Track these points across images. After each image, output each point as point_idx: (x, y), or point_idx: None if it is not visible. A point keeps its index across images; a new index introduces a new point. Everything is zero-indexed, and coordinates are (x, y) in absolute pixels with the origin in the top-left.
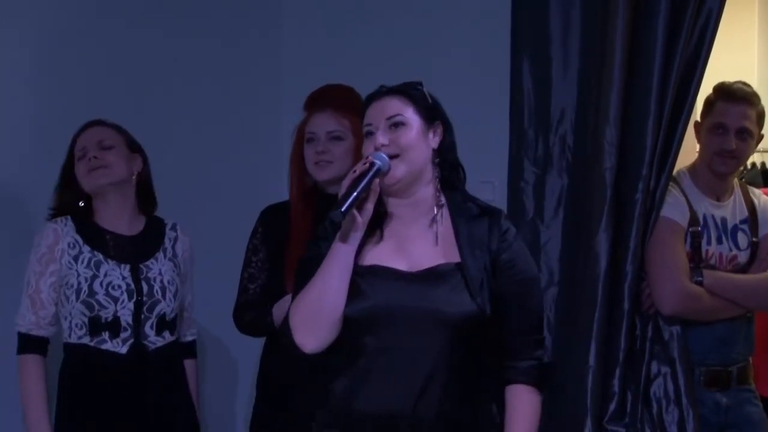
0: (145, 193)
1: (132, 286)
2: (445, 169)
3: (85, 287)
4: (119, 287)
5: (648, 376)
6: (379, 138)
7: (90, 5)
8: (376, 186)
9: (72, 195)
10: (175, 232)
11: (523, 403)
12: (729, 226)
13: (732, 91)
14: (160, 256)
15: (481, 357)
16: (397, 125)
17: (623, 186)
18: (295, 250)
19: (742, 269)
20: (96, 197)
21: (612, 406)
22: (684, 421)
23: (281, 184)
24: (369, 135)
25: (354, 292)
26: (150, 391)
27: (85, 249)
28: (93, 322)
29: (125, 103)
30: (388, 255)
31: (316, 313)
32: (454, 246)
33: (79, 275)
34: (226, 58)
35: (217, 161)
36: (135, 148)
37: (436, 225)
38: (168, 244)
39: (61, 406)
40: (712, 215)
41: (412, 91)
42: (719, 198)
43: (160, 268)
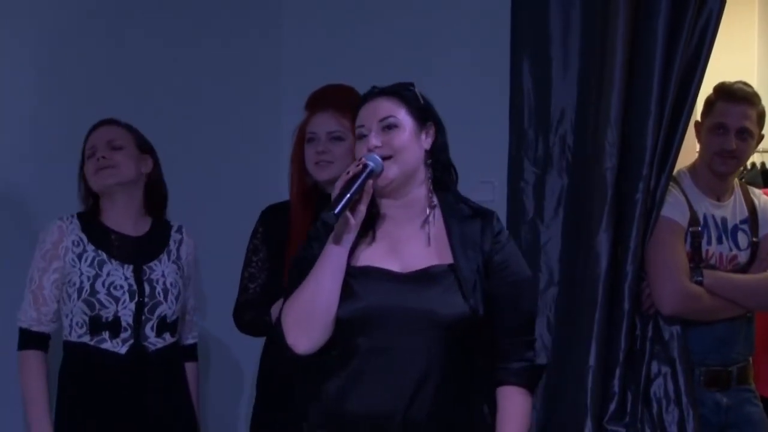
0: (154, 194)
1: (134, 287)
2: (438, 170)
3: (87, 286)
4: (121, 287)
5: (648, 376)
6: (372, 140)
7: (90, 5)
8: (369, 187)
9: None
10: (181, 234)
11: (514, 404)
12: (729, 226)
13: (732, 91)
14: (164, 258)
15: (473, 358)
16: (390, 127)
17: (624, 186)
18: (294, 249)
19: (742, 269)
20: (103, 196)
21: (612, 406)
22: (684, 421)
23: (281, 184)
24: (361, 137)
25: (347, 293)
26: (149, 392)
27: (89, 248)
28: (93, 321)
29: (125, 103)
30: (381, 256)
31: (309, 314)
32: (447, 247)
33: (81, 274)
34: (226, 58)
35: (217, 161)
36: (145, 148)
37: (429, 226)
38: (173, 247)
39: (61, 404)
40: (713, 215)
41: (405, 92)
42: (719, 198)
43: (163, 270)
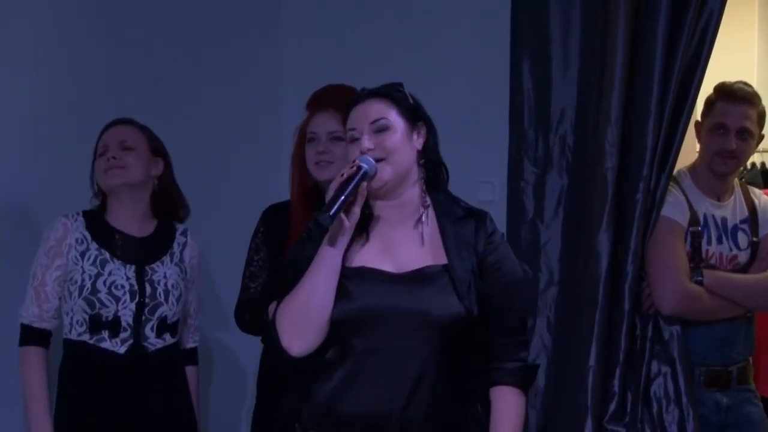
0: (163, 197)
1: (135, 287)
2: (430, 170)
3: (88, 284)
4: (122, 287)
5: (648, 376)
6: (365, 142)
7: (90, 5)
8: (363, 189)
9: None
10: (185, 237)
11: (507, 404)
12: (729, 226)
13: (733, 91)
14: (167, 259)
15: (468, 358)
16: (382, 129)
17: (624, 186)
18: None
19: (743, 269)
20: (110, 195)
21: (612, 406)
22: (684, 420)
23: (281, 184)
24: (353, 139)
25: (342, 293)
26: (149, 392)
27: (93, 246)
28: (93, 319)
29: (125, 103)
30: (375, 257)
31: (304, 316)
32: (441, 247)
33: (83, 272)
34: (226, 58)
35: (217, 161)
36: (158, 151)
37: (422, 226)
38: (176, 249)
39: (61, 401)
40: (713, 215)
41: (394, 93)
42: (719, 198)
43: (165, 272)
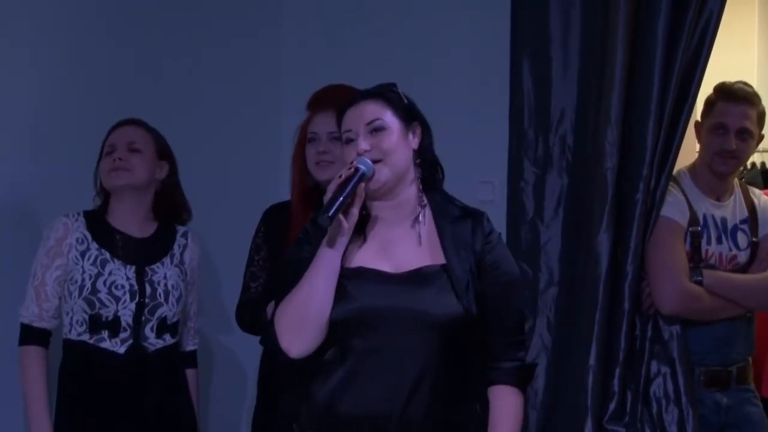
0: (165, 200)
1: (135, 287)
2: (426, 169)
3: (88, 284)
4: (122, 287)
5: (648, 375)
6: (362, 144)
7: (89, 5)
8: (361, 191)
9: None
10: (186, 239)
11: (506, 403)
12: (729, 226)
13: (733, 91)
14: (167, 260)
15: (467, 358)
16: (378, 130)
17: (624, 186)
18: None
19: (742, 269)
20: (113, 195)
21: (612, 406)
22: (684, 420)
23: (281, 184)
24: (349, 141)
25: (340, 294)
26: (149, 393)
27: (93, 246)
28: (93, 319)
29: (125, 103)
30: (373, 257)
31: (303, 318)
32: (438, 247)
33: (83, 272)
34: (226, 58)
35: (217, 161)
36: (164, 155)
37: (419, 225)
38: (177, 251)
39: (61, 401)
40: (712, 215)
41: (389, 94)
42: (719, 198)
43: (165, 272)
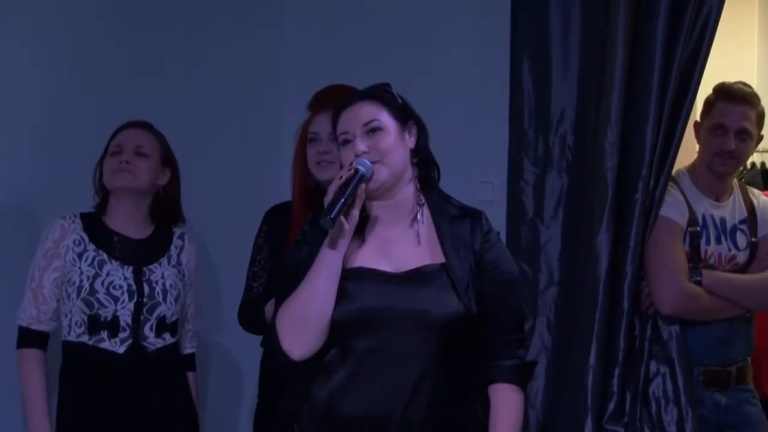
0: (163, 205)
1: (133, 287)
2: (422, 168)
3: (86, 285)
4: (120, 287)
5: (647, 375)
6: (359, 146)
7: (89, 5)
8: (361, 192)
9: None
10: (183, 241)
11: (506, 402)
12: (728, 227)
13: (732, 92)
14: (164, 261)
15: (467, 357)
16: (374, 130)
17: (623, 186)
18: None
19: (741, 269)
20: (112, 195)
21: (611, 406)
22: (683, 420)
23: (281, 184)
24: (346, 143)
25: (341, 294)
26: (149, 392)
27: (90, 247)
28: (92, 320)
29: (125, 103)
30: (372, 257)
31: (304, 319)
32: (437, 246)
33: (81, 273)
34: (226, 58)
35: (216, 161)
36: (168, 162)
37: (417, 225)
38: (173, 252)
39: (62, 403)
40: (711, 215)
41: (383, 94)
42: (718, 198)
43: (163, 272)
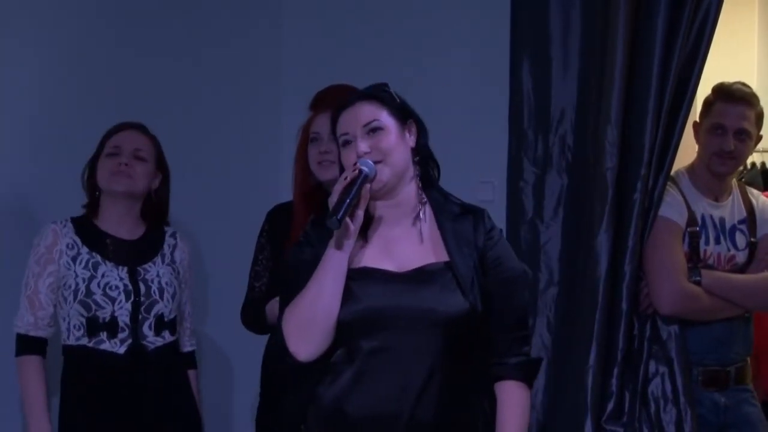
0: (154, 208)
1: (129, 287)
2: (423, 167)
3: (82, 288)
4: (117, 288)
5: (646, 375)
6: (361, 146)
7: (89, 5)
8: (366, 192)
9: (92, 187)
10: (175, 239)
11: (513, 398)
12: (727, 227)
13: (731, 92)
14: (158, 260)
15: (474, 355)
16: (375, 130)
17: (623, 186)
18: None
19: (741, 269)
20: (106, 197)
21: (610, 406)
22: (682, 420)
23: (281, 184)
24: (346, 144)
25: (346, 295)
26: (151, 391)
27: (84, 250)
28: (90, 322)
29: (125, 103)
30: (376, 257)
31: (310, 320)
32: (440, 244)
33: (77, 276)
34: (226, 58)
35: (217, 161)
36: (160, 166)
37: (420, 223)
38: (167, 250)
39: (64, 407)
40: (711, 215)
41: (382, 94)
42: (718, 198)
43: (158, 271)
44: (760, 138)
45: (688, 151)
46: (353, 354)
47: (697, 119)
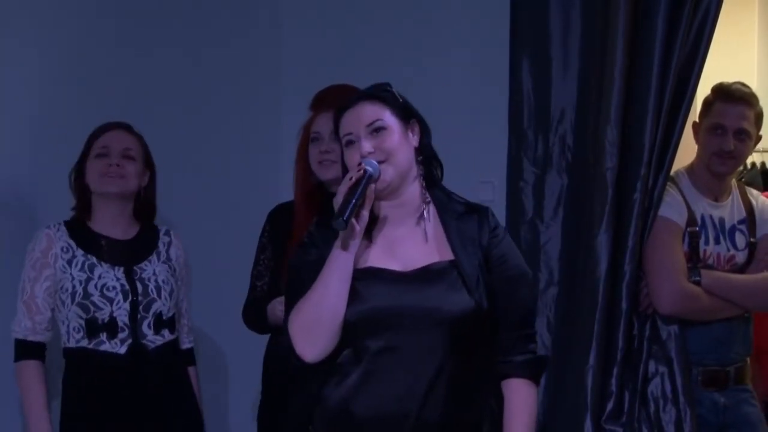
0: (145, 205)
1: (126, 287)
2: (426, 166)
3: (79, 290)
4: (114, 288)
5: (645, 375)
6: (364, 146)
7: (89, 5)
8: (371, 192)
9: (81, 189)
10: (169, 237)
11: (521, 396)
12: (727, 227)
13: (730, 92)
14: (154, 258)
15: (480, 353)
16: (378, 130)
17: (623, 186)
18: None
19: (740, 269)
20: (98, 198)
21: (609, 406)
22: (681, 420)
23: (281, 184)
24: (350, 144)
25: (351, 295)
26: (152, 390)
27: (79, 253)
28: (90, 324)
29: (125, 103)
30: (380, 257)
31: (316, 321)
32: (445, 243)
33: (73, 278)
34: (226, 58)
35: (217, 161)
36: (148, 163)
37: (424, 222)
38: (162, 248)
39: (67, 410)
40: (710, 215)
41: (384, 94)
42: (717, 198)
43: (154, 269)
44: (759, 138)
45: (688, 151)
46: (360, 354)
47: (696, 119)
